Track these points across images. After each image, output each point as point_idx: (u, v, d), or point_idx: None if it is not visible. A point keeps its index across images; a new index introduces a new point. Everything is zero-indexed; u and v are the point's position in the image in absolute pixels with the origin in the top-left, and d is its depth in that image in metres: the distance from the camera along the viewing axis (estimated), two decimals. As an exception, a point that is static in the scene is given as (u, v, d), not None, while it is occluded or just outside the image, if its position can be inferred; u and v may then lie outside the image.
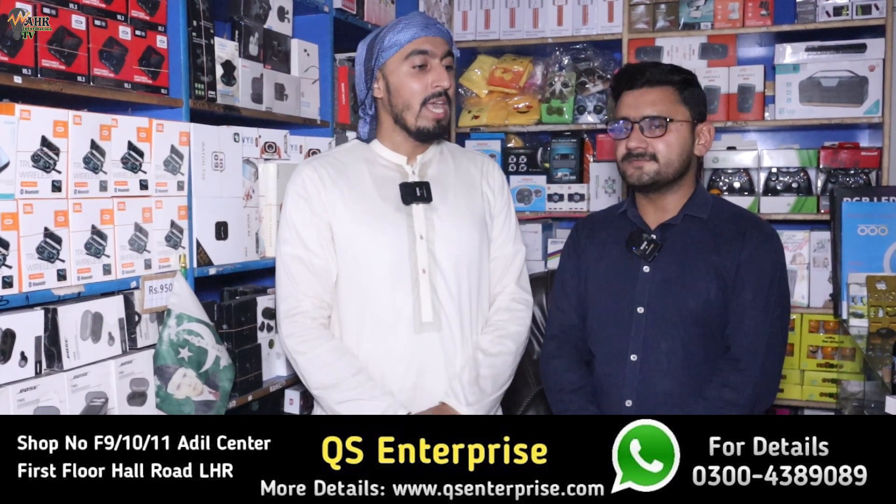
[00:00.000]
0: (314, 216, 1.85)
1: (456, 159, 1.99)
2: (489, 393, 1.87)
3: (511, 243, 2.00)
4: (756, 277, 1.81)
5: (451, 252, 1.87)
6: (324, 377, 1.81)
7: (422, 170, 1.92)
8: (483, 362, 1.88)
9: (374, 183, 1.88)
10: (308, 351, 1.83)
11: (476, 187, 1.97)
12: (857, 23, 3.15)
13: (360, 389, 1.79)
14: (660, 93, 1.83)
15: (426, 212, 1.87)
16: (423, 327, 1.84)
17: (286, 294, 1.86)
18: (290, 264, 1.86)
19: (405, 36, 1.81)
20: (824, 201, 3.18)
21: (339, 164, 1.90)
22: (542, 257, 3.55)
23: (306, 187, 1.86)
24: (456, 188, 1.93)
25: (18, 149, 1.65)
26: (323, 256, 1.85)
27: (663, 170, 1.82)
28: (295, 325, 1.84)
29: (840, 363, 3.19)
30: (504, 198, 2.02)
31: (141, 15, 1.99)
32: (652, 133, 1.81)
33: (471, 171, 1.98)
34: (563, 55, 3.57)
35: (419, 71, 1.82)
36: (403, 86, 1.83)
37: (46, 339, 1.74)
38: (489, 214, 1.97)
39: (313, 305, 1.85)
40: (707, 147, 1.87)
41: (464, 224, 1.90)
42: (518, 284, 2.00)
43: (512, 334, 1.94)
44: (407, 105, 1.83)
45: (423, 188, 1.87)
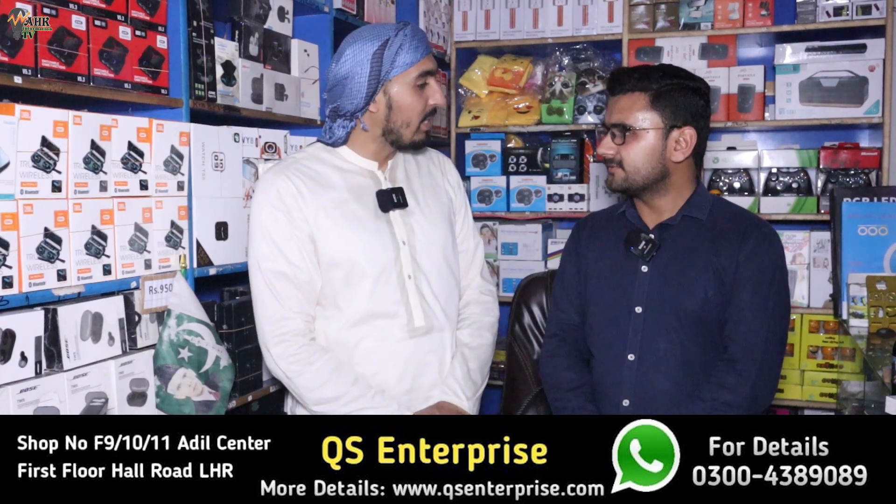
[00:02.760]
0: (295, 229, 1.81)
1: (416, 159, 2.02)
2: (479, 384, 1.96)
3: (472, 237, 2.07)
4: (755, 278, 1.81)
5: (432, 255, 1.91)
6: (324, 392, 1.81)
7: (391, 174, 1.93)
8: (470, 356, 1.95)
9: (350, 191, 1.87)
10: (304, 370, 1.81)
11: (440, 186, 2.02)
12: (857, 23, 3.15)
13: (364, 400, 1.80)
14: (629, 100, 1.84)
15: (403, 217, 1.89)
16: (416, 331, 1.87)
17: (271, 314, 1.82)
18: (274, 281, 1.81)
19: (415, 56, 1.81)
20: (824, 201, 3.18)
21: (313, 173, 1.86)
22: (542, 257, 3.55)
23: (283, 199, 1.81)
24: (424, 190, 1.97)
25: (18, 149, 1.65)
26: (307, 270, 1.82)
27: (631, 176, 1.84)
28: (287, 346, 1.81)
29: (840, 363, 3.19)
30: (462, 192, 2.09)
31: (141, 15, 1.99)
32: (617, 140, 1.83)
33: (432, 170, 2.03)
34: (563, 55, 3.57)
35: (420, 89, 1.84)
36: (407, 104, 1.83)
37: (46, 340, 1.74)
38: (452, 211, 2.03)
39: (303, 322, 1.83)
40: (686, 153, 1.84)
41: (438, 226, 1.94)
42: (483, 277, 2.08)
43: (487, 325, 2.02)
44: (407, 122, 1.85)
45: (398, 194, 1.89)
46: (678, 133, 1.83)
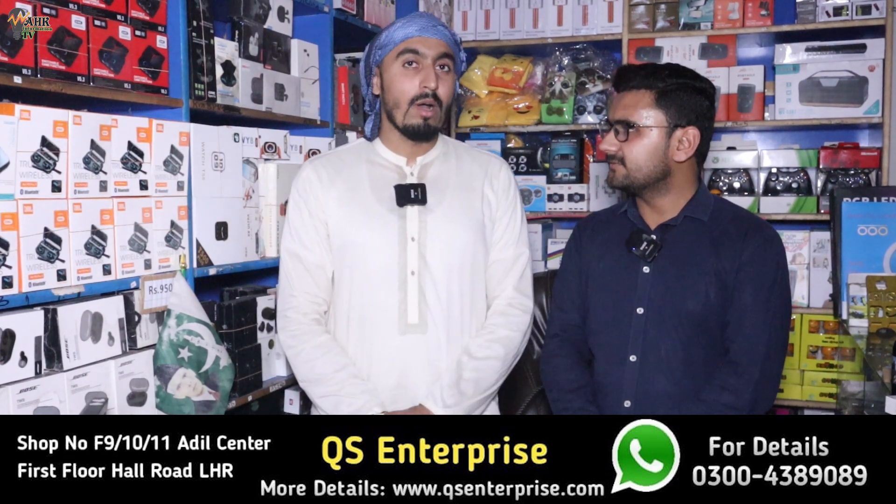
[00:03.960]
0: (311, 215, 1.89)
1: (461, 160, 1.97)
2: (470, 396, 1.85)
3: (513, 246, 1.97)
4: (757, 279, 1.80)
5: (444, 255, 1.87)
6: (308, 371, 1.86)
7: (421, 171, 1.91)
8: (467, 365, 1.86)
9: (371, 183, 1.89)
10: (296, 345, 1.87)
11: (476, 189, 1.94)
12: (857, 23, 3.15)
13: (339, 386, 1.82)
14: (634, 97, 1.83)
15: (420, 214, 1.87)
16: (407, 329, 1.85)
17: (283, 290, 1.92)
18: (288, 261, 1.91)
19: (399, 35, 1.83)
20: (824, 201, 3.18)
21: (341, 164, 1.92)
22: (542, 257, 3.55)
23: (304, 187, 1.90)
24: (455, 190, 1.92)
25: (18, 149, 1.65)
26: (318, 253, 1.89)
27: (632, 174, 1.83)
28: (287, 320, 1.89)
29: (840, 363, 3.19)
30: (509, 200, 1.97)
31: (141, 15, 1.99)
32: (620, 137, 1.83)
33: (474, 172, 1.96)
34: (563, 55, 3.57)
35: (410, 70, 1.82)
36: (394, 83, 1.84)
37: (46, 340, 1.74)
38: (489, 217, 1.95)
39: (306, 301, 1.89)
40: (688, 153, 1.84)
41: (458, 227, 1.89)
42: (517, 289, 1.96)
43: (502, 339, 1.90)
44: (396, 103, 1.84)
45: (418, 190, 1.87)
46: (681, 132, 1.82)
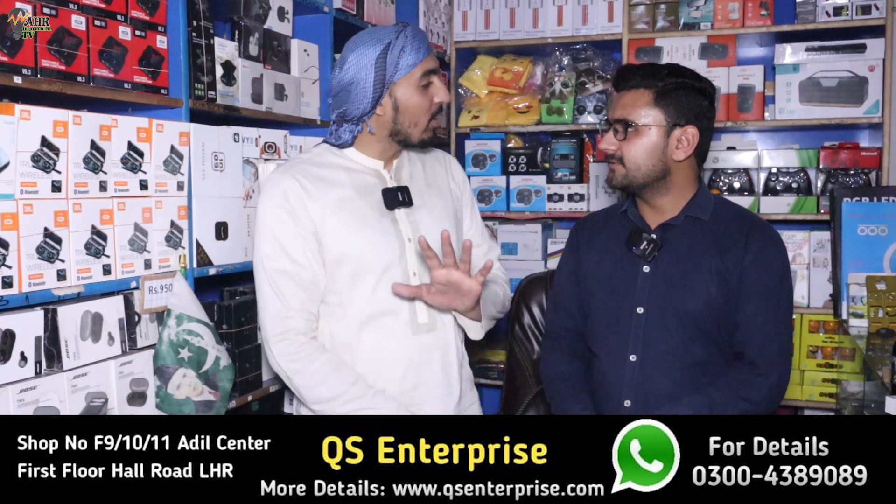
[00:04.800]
0: (299, 228, 1.83)
1: (422, 160, 2.03)
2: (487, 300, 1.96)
3: (480, 236, 2.10)
4: (764, 282, 1.81)
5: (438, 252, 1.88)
6: (323, 392, 1.82)
7: (396, 173, 1.95)
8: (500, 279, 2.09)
9: (356, 190, 1.89)
10: (304, 368, 1.82)
11: (444, 185, 2.03)
12: (857, 23, 3.14)
13: (362, 400, 1.81)
14: (633, 96, 1.84)
15: (409, 215, 1.90)
16: (419, 329, 1.87)
17: (274, 312, 1.83)
18: (277, 279, 1.83)
19: (417, 57, 1.83)
20: (824, 201, 3.18)
21: (318, 171, 1.89)
22: (542, 257, 3.55)
23: (288, 198, 1.83)
24: (429, 189, 1.97)
25: (18, 149, 1.65)
26: (311, 268, 1.84)
27: (631, 173, 1.84)
28: (288, 344, 1.82)
29: (840, 363, 3.19)
30: (468, 190, 2.11)
31: (141, 15, 1.99)
32: (618, 136, 1.83)
33: (437, 168, 2.04)
34: (563, 55, 3.57)
35: (425, 89, 1.86)
36: (413, 105, 1.85)
37: (46, 340, 1.74)
38: (459, 210, 2.04)
39: (304, 320, 1.84)
40: (687, 152, 1.84)
41: (444, 223, 1.93)
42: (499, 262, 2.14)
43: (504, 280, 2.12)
44: (415, 122, 1.86)
45: (404, 193, 1.90)
46: (680, 132, 1.82)
